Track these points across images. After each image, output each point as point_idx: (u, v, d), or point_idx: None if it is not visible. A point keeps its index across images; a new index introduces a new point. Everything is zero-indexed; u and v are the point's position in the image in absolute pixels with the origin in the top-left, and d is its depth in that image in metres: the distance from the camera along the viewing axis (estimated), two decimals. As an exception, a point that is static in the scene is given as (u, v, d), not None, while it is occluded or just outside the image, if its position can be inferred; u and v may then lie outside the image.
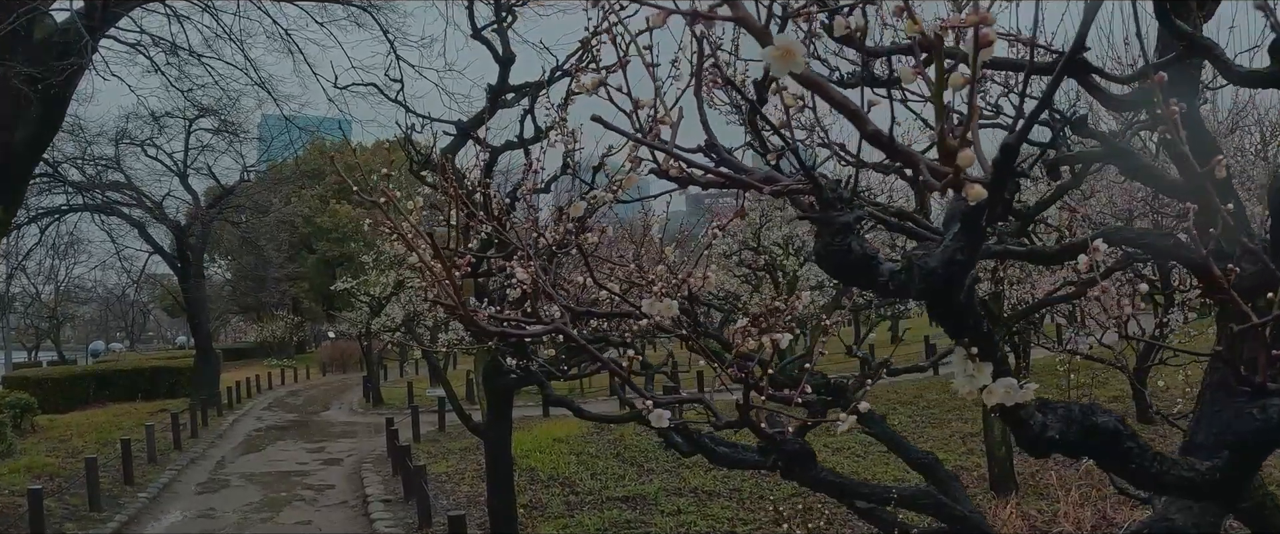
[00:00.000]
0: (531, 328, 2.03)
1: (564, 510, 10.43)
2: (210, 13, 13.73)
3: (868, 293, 18.23)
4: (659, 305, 1.67)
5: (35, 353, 50.59)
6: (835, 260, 1.33)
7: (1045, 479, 10.77)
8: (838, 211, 1.32)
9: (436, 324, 21.46)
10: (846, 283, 1.40)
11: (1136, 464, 2.17)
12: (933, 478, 3.93)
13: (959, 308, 1.29)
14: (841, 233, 1.32)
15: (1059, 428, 1.88)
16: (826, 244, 1.33)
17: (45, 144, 11.88)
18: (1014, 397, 1.60)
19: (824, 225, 1.33)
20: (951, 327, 1.33)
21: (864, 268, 1.33)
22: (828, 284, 21.70)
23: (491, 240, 3.62)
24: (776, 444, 2.20)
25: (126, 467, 13.67)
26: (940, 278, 1.21)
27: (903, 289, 1.30)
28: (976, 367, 1.48)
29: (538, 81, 7.04)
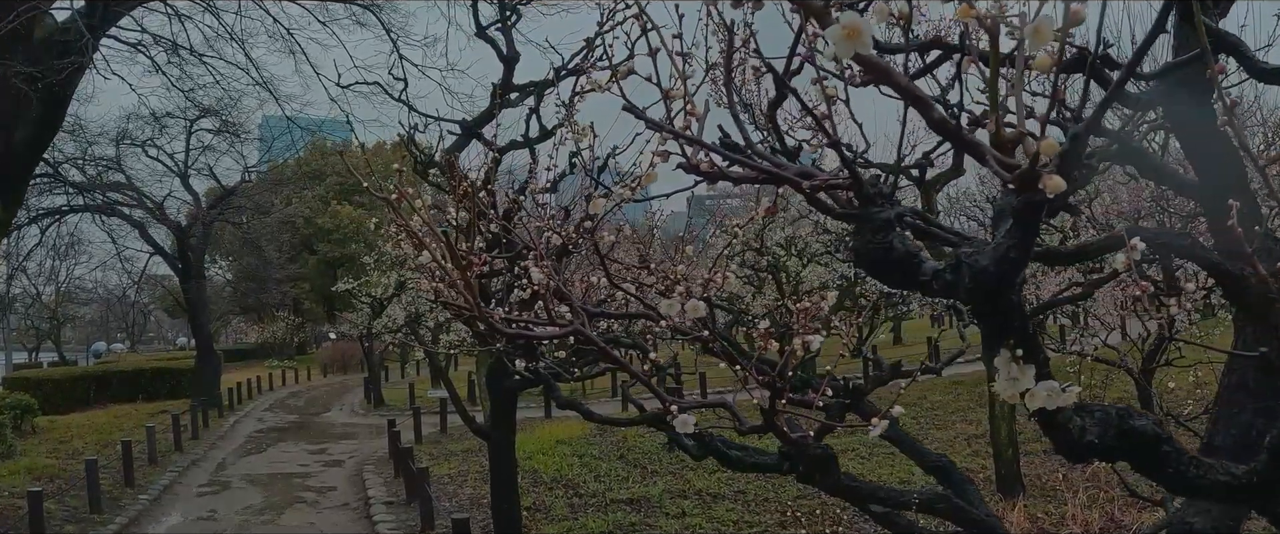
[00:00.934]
0: (549, 330, 1.96)
1: (567, 513, 10.36)
2: (211, 12, 13.68)
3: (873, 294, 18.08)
4: (686, 305, 1.61)
5: (36, 354, 50.56)
6: (875, 258, 1.26)
7: (1052, 481, 10.70)
8: (877, 208, 1.26)
9: (438, 325, 21.41)
10: (886, 282, 1.33)
11: (1174, 468, 2.10)
12: (948, 481, 3.86)
13: (1007, 308, 1.22)
14: (882, 230, 1.26)
15: (1097, 432, 1.81)
16: (866, 241, 1.26)
17: (45, 144, 11.81)
18: (1056, 400, 1.53)
19: (863, 222, 1.27)
20: (996, 328, 1.27)
21: (906, 266, 1.26)
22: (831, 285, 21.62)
23: (499, 239, 3.57)
24: (801, 449, 2.13)
25: (127, 468, 13.60)
26: (992, 277, 1.15)
27: (948, 289, 1.23)
28: (1021, 369, 1.42)
29: (543, 80, 6.98)
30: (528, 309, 3.59)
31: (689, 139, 1.34)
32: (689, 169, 1.35)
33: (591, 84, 3.01)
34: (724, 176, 1.36)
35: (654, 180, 2.01)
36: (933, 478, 9.32)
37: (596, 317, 2.48)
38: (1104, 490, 10.09)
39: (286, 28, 13.52)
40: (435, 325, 21.59)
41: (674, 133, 1.31)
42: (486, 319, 1.72)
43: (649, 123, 1.37)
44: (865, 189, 1.26)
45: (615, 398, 20.42)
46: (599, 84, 3.04)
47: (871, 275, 1.34)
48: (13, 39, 10.58)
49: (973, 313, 1.27)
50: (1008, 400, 1.49)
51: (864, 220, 1.27)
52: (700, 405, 1.84)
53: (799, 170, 1.30)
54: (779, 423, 1.88)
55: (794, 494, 10.36)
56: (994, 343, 1.27)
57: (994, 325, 1.26)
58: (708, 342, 2.18)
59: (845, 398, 2.82)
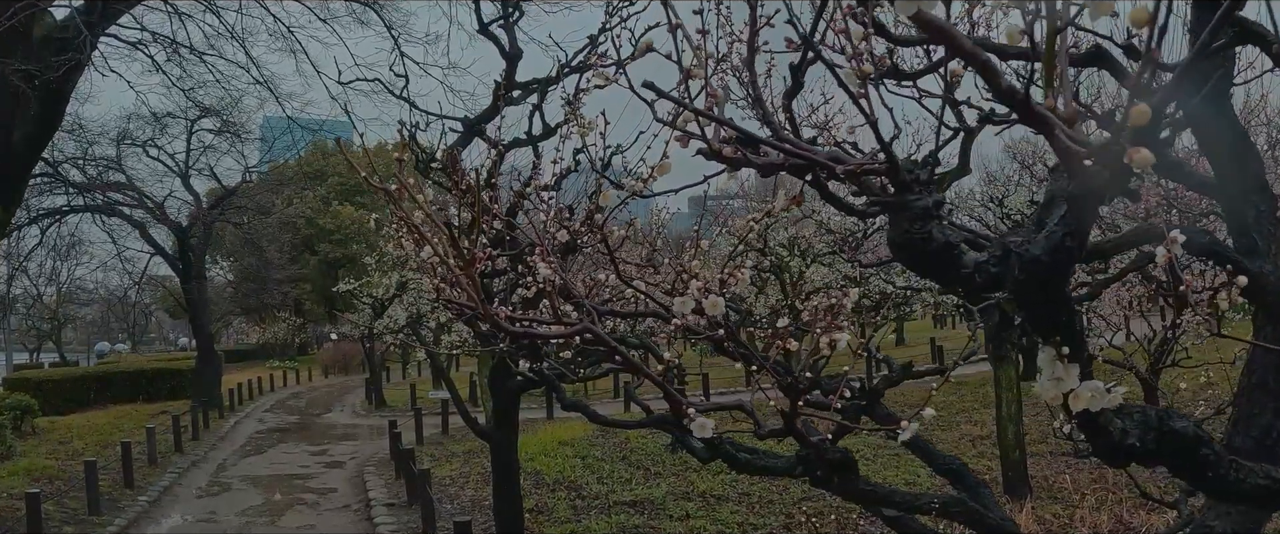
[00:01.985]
0: (556, 329, 1.87)
1: (570, 515, 10.27)
2: (212, 11, 13.60)
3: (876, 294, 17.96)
4: (706, 302, 1.52)
5: (37, 354, 50.52)
6: (913, 250, 1.17)
7: (1059, 483, 10.60)
8: (915, 195, 1.16)
9: (440, 326, 21.33)
10: (924, 275, 1.24)
11: (1213, 472, 2.01)
12: (961, 484, 3.77)
13: (1057, 302, 1.13)
14: (920, 218, 1.16)
15: (1138, 434, 1.72)
16: (904, 231, 1.17)
17: (44, 143, 11.73)
18: (1100, 401, 1.44)
19: (899, 211, 1.17)
20: (1044, 324, 1.17)
21: (946, 258, 1.17)
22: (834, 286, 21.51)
23: (502, 237, 3.48)
24: (821, 452, 2.03)
25: (126, 470, 13.51)
26: (1045, 268, 1.06)
27: (992, 282, 1.14)
28: (1065, 369, 1.32)
29: (547, 77, 6.89)
30: (532, 308, 3.49)
31: (715, 118, 1.24)
32: (711, 155, 1.26)
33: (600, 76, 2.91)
34: (748, 163, 1.27)
35: (668, 172, 1.92)
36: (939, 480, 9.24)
37: (606, 315, 2.38)
38: (1112, 492, 9.99)
39: (287, 26, 13.46)
40: (437, 326, 21.52)
41: (699, 112, 1.22)
42: (491, 318, 1.62)
43: (669, 98, 1.28)
44: (901, 174, 1.17)
45: (617, 399, 20.34)
46: (607, 76, 2.95)
47: (908, 267, 1.25)
48: (12, 37, 10.50)
49: (1018, 308, 1.18)
50: (1050, 402, 1.40)
51: (901, 208, 1.18)
52: (717, 408, 1.75)
53: (830, 155, 1.21)
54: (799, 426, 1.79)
55: (798, 496, 10.26)
56: (1044, 338, 1.17)
57: (1041, 321, 1.16)
58: (721, 341, 2.08)
59: (860, 399, 2.73)
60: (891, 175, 1.17)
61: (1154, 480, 8.87)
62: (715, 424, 2.00)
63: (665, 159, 1.83)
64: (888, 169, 1.16)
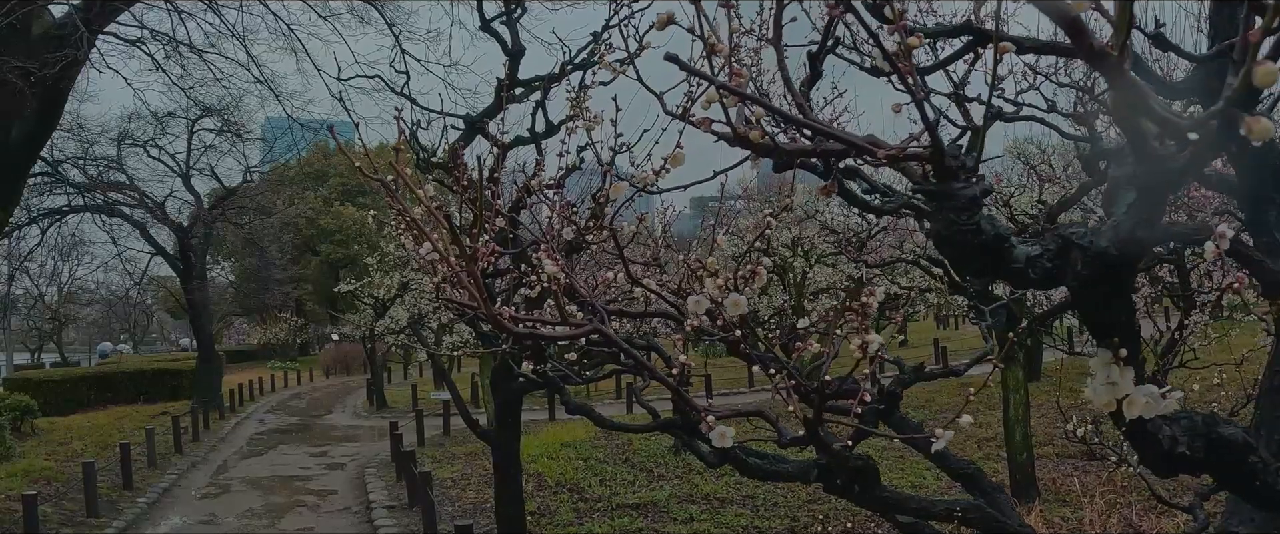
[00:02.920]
0: (562, 330, 1.76)
1: (573, 518, 10.15)
2: (213, 10, 13.50)
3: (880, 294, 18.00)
4: (728, 300, 1.41)
5: (38, 354, 50.45)
6: (960, 242, 1.06)
7: (1067, 486, 10.48)
8: (961, 184, 1.06)
9: (442, 326, 21.25)
10: (969, 271, 1.14)
11: (1262, 481, 1.90)
12: (977, 489, 3.66)
13: (1120, 299, 1.02)
14: (967, 209, 1.06)
15: (1186, 442, 1.62)
16: (949, 223, 1.06)
17: (42, 141, 11.64)
18: (1156, 408, 1.33)
19: (944, 200, 1.07)
20: (1103, 323, 1.06)
21: (995, 252, 1.06)
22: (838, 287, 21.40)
23: (506, 235, 3.37)
24: (842, 459, 1.93)
25: (125, 471, 13.41)
26: (1113, 261, 0.95)
27: (1049, 277, 1.03)
28: (1121, 372, 1.21)
29: (550, 74, 6.78)
30: (536, 308, 3.38)
31: (747, 96, 1.13)
32: (735, 140, 1.15)
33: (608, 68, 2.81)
34: (776, 149, 1.16)
35: (682, 163, 1.81)
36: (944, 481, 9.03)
37: (616, 316, 2.27)
38: (1121, 495, 9.87)
39: (287, 23, 13.35)
40: (438, 327, 21.44)
41: (729, 88, 1.11)
42: (494, 318, 1.52)
43: (694, 73, 1.17)
44: (946, 159, 1.06)
45: (620, 400, 20.23)
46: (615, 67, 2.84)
47: (954, 263, 1.15)
48: (10, 35, 10.41)
49: (1075, 306, 1.07)
50: (1102, 409, 1.29)
51: (946, 197, 1.07)
52: (736, 415, 1.64)
53: (867, 138, 1.11)
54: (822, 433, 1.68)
55: (804, 499, 10.15)
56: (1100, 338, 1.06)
57: (1101, 320, 1.05)
58: (737, 343, 1.97)
59: (878, 404, 2.62)
60: (935, 161, 1.07)
61: (1160, 483, 8.75)
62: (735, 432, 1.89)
63: (679, 149, 1.73)
64: (931, 154, 1.06)
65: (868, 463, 2.05)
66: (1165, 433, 1.55)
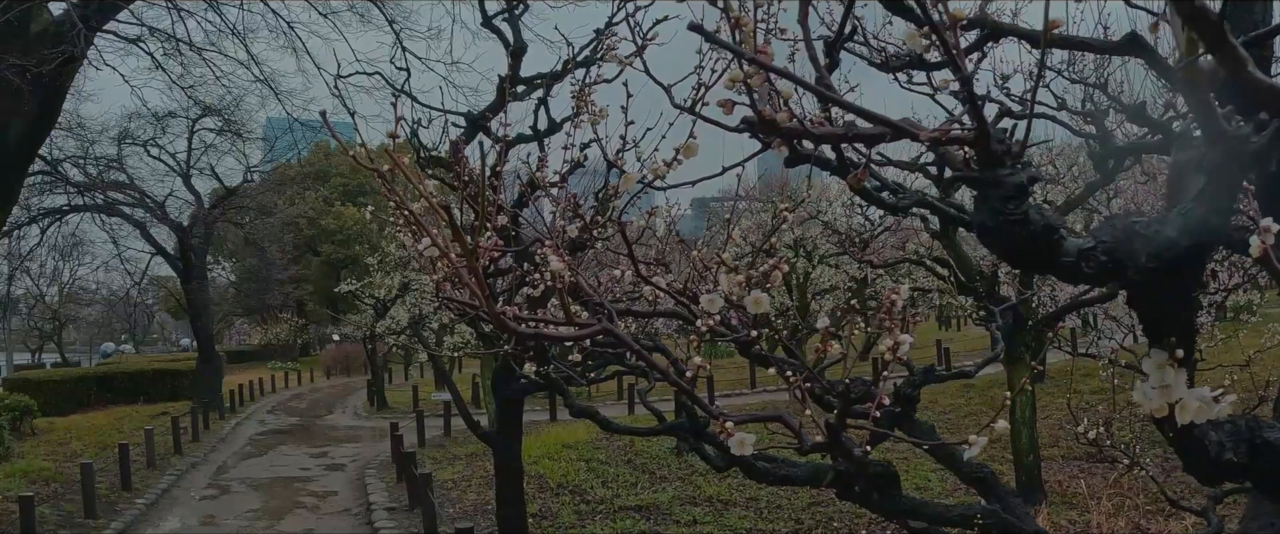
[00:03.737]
0: (566, 330, 1.67)
1: (575, 520, 10.06)
2: (213, 9, 13.42)
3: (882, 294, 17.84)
4: (750, 297, 1.32)
5: (39, 355, 50.40)
6: (1007, 234, 0.97)
7: (1074, 488, 10.39)
8: (1008, 170, 0.97)
9: (443, 327, 21.16)
10: (1018, 264, 1.05)
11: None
12: (991, 494, 3.57)
13: (1183, 295, 0.93)
14: (1015, 197, 0.97)
15: (1232, 448, 1.52)
16: (995, 212, 0.97)
17: (40, 140, 11.56)
18: (1208, 412, 1.24)
19: (990, 188, 0.98)
20: (1162, 321, 0.97)
21: (1045, 243, 0.97)
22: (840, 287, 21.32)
23: (508, 232, 3.29)
24: (862, 466, 1.84)
25: (124, 472, 13.32)
26: (1181, 251, 0.86)
27: (1105, 272, 0.94)
28: (1176, 375, 1.12)
29: (552, 72, 6.69)
30: (539, 308, 3.29)
31: (776, 69, 1.04)
32: (759, 124, 1.06)
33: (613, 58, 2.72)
34: (806, 134, 1.06)
35: (695, 153, 1.72)
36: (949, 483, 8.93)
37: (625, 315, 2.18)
38: (1129, 497, 9.78)
39: (287, 21, 13.26)
40: (439, 327, 21.35)
41: (759, 62, 1.01)
42: (496, 317, 1.43)
43: (719, 45, 1.08)
44: (992, 143, 0.97)
45: (622, 401, 20.13)
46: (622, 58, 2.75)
47: (1000, 255, 1.06)
48: (8, 32, 10.33)
49: (1132, 302, 0.98)
50: (1154, 413, 1.20)
51: (990, 185, 0.98)
52: (754, 419, 1.55)
53: (903, 120, 1.02)
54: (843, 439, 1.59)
55: (807, 502, 10.06)
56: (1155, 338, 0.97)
57: (1161, 318, 0.96)
58: (751, 343, 1.87)
59: (895, 406, 2.53)
60: (980, 144, 0.98)
61: (1168, 485, 8.66)
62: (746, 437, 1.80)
63: (692, 139, 1.64)
64: (976, 136, 0.97)
65: (888, 470, 1.96)
66: (1212, 439, 1.45)
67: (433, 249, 1.40)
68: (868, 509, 2.17)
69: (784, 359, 1.82)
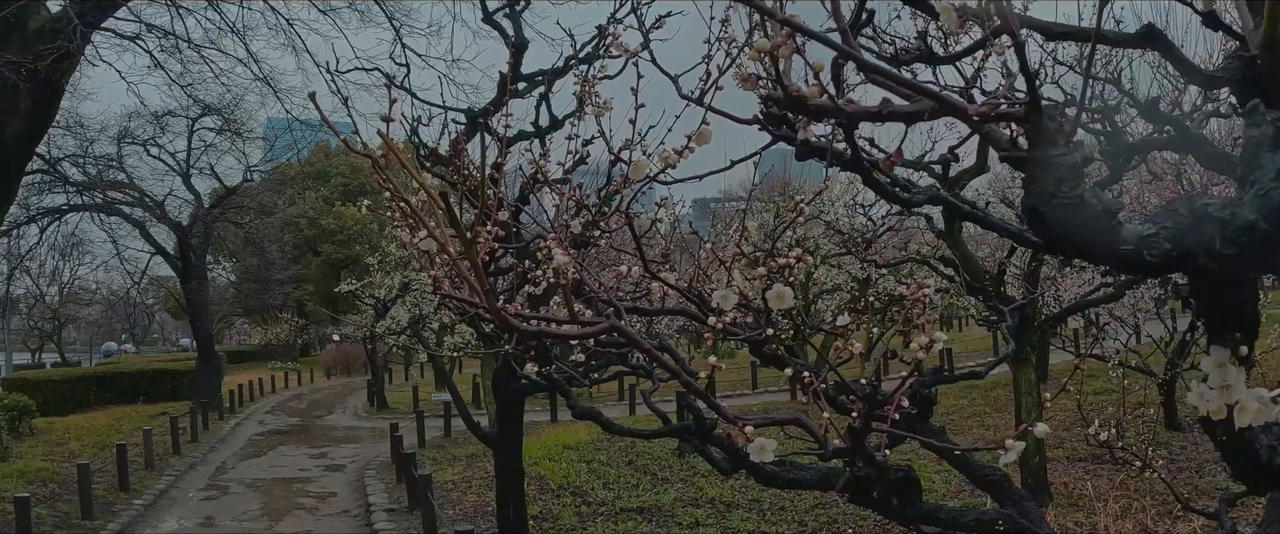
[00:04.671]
0: (570, 328, 1.58)
1: (576, 522, 9.97)
2: (213, 6, 13.34)
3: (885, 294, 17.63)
4: (772, 292, 1.23)
5: (39, 354, 50.31)
6: (1060, 218, 0.88)
7: (1080, 490, 10.30)
8: (1061, 150, 0.88)
9: (443, 327, 21.07)
10: (1069, 252, 0.96)
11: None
12: (1005, 497, 3.48)
13: (1249, 286, 0.84)
14: (1069, 179, 0.87)
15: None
16: (1048, 195, 0.88)
17: (38, 138, 11.47)
18: (1266, 415, 1.15)
19: (1040, 168, 0.89)
20: (1227, 314, 0.88)
21: (1102, 230, 0.88)
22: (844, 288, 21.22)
23: (510, 229, 3.20)
24: (884, 472, 1.75)
25: (122, 473, 13.23)
26: (1260, 236, 0.77)
27: (1169, 261, 0.85)
28: (1237, 374, 1.03)
29: (554, 68, 6.60)
30: (542, 306, 3.20)
31: (814, 34, 0.94)
32: (787, 103, 0.96)
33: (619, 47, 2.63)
34: (838, 113, 0.97)
35: (708, 140, 1.63)
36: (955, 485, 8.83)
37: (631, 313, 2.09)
38: (1135, 499, 9.69)
39: (286, 19, 13.17)
40: (440, 327, 21.26)
41: (795, 25, 0.91)
42: (497, 314, 1.33)
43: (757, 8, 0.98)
44: (1044, 120, 0.88)
45: (623, 401, 20.04)
46: (628, 48, 2.66)
47: (1047, 241, 0.97)
48: (5, 30, 10.25)
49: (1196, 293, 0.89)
50: (1214, 415, 1.11)
51: (1043, 165, 0.89)
52: (772, 422, 1.46)
53: (949, 95, 0.92)
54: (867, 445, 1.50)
55: (810, 504, 9.96)
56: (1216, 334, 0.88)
57: (1225, 311, 0.87)
58: (764, 342, 1.78)
59: (912, 408, 2.43)
60: (1030, 121, 0.89)
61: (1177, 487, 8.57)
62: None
63: (705, 125, 1.55)
64: (1027, 111, 0.88)
65: (909, 475, 1.87)
66: (1262, 442, 1.35)
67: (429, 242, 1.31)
68: (885, 516, 2.09)
69: (800, 362, 1.73)
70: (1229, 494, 5.84)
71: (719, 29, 2.86)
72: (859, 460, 1.60)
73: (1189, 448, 12.01)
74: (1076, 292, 13.24)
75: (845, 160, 2.51)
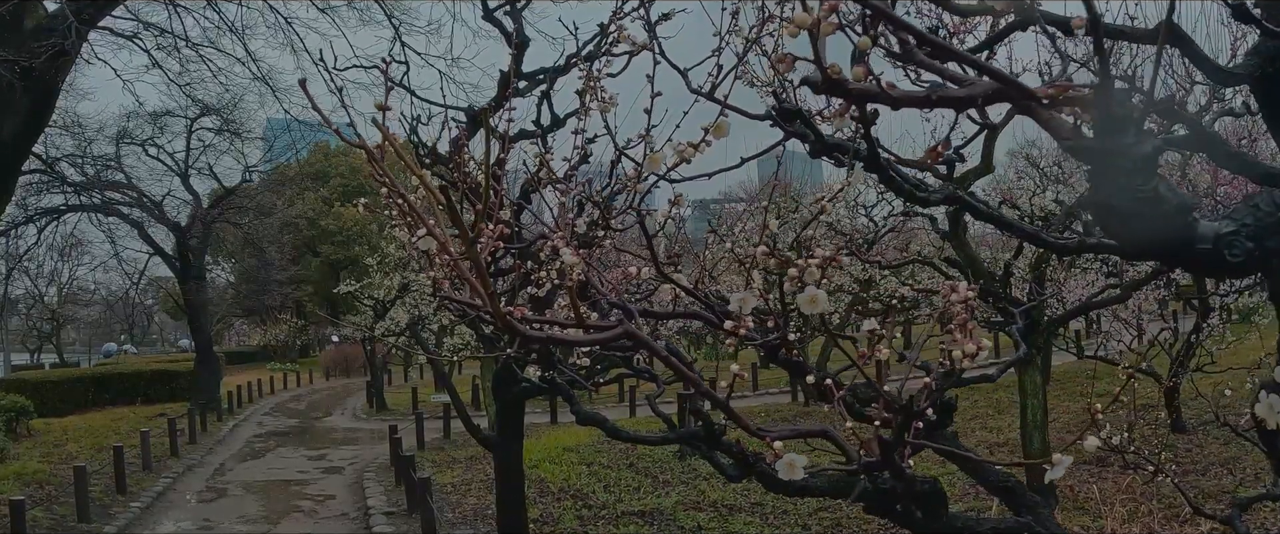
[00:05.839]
0: (581, 334, 1.49)
1: (577, 526, 9.87)
2: (211, 5, 13.25)
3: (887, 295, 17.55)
4: (805, 296, 1.14)
5: (38, 355, 50.19)
6: (1134, 213, 0.79)
7: (1086, 493, 10.20)
8: (1132, 138, 0.79)
9: (442, 328, 20.96)
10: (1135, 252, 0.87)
11: None
12: (1021, 504, 3.38)
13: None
14: (1141, 171, 0.78)
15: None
16: (1120, 189, 0.79)
17: (34, 137, 11.38)
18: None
19: (1111, 159, 0.79)
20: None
21: (1176, 227, 0.79)
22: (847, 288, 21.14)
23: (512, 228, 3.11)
24: (910, 484, 1.66)
25: (119, 474, 13.13)
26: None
27: (1251, 261, 0.76)
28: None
29: (555, 66, 6.51)
30: (545, 308, 3.11)
31: (871, 3, 0.84)
32: (825, 86, 0.86)
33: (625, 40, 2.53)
34: (882, 97, 0.88)
35: (726, 133, 1.54)
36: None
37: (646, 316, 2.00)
38: (1141, 503, 9.60)
39: (285, 17, 13.09)
40: (439, 328, 21.16)
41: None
42: (502, 317, 1.24)
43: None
44: (1116, 105, 0.79)
45: (622, 404, 19.94)
46: (636, 41, 2.57)
47: (1118, 238, 0.87)
48: (2, 27, 10.15)
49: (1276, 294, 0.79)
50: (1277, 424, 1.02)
51: (1112, 155, 0.80)
52: (798, 435, 1.37)
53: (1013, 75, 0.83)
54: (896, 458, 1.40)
55: (814, 507, 9.86)
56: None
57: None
58: (781, 347, 1.69)
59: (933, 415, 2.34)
60: (1101, 107, 0.79)
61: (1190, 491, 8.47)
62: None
63: (723, 118, 1.46)
64: (1098, 96, 0.79)
65: (936, 487, 1.78)
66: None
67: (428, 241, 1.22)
68: (906, 528, 2.00)
69: (818, 369, 1.65)
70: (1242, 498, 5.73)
71: (729, 22, 2.77)
72: (888, 473, 1.51)
73: (1193, 450, 11.93)
74: (1079, 293, 13.15)
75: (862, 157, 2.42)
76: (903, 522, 1.95)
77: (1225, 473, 10.60)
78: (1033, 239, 3.41)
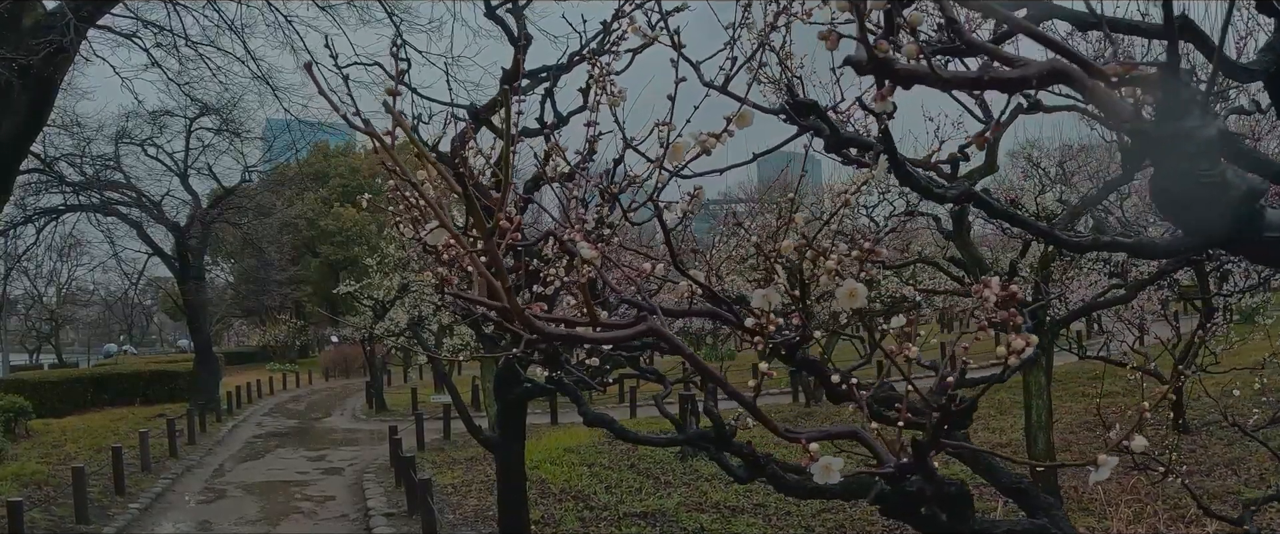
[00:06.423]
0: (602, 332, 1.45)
1: (579, 527, 9.82)
2: (211, 4, 13.19)
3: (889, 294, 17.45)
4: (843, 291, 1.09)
5: (37, 355, 50.11)
6: (1198, 199, 0.74)
7: (1091, 494, 10.16)
8: (1197, 122, 0.74)
9: (442, 328, 20.92)
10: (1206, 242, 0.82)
11: None
12: (1034, 506, 3.34)
13: None
14: (1206, 155, 0.74)
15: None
16: (1185, 175, 0.74)
17: (32, 136, 11.31)
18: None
19: (1174, 143, 0.75)
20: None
21: (1242, 214, 0.74)
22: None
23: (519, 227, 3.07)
24: (939, 487, 1.61)
25: (118, 475, 13.07)
26: None
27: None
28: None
29: (557, 64, 6.46)
30: (553, 307, 3.06)
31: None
32: (872, 67, 0.82)
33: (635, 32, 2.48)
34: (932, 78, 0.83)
35: (749, 123, 1.49)
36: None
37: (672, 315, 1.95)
38: (1147, 504, 9.56)
39: (285, 15, 13.03)
40: (439, 328, 21.11)
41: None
42: (521, 314, 1.19)
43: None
44: (1182, 87, 0.74)
45: (623, 404, 19.89)
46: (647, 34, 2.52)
47: (1188, 226, 0.83)
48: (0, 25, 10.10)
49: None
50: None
51: (1179, 140, 0.75)
52: (826, 436, 1.33)
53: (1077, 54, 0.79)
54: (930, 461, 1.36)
55: (816, 508, 9.82)
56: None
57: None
58: (799, 345, 1.64)
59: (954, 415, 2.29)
60: (1167, 88, 0.75)
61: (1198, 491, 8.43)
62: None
63: (745, 108, 1.42)
64: (1164, 76, 0.74)
65: (962, 490, 1.73)
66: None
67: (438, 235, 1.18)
68: (927, 532, 1.95)
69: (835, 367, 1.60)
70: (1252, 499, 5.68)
71: (740, 15, 2.72)
72: (920, 475, 1.47)
73: (1197, 451, 11.89)
74: (1082, 293, 13.11)
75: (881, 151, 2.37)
76: (923, 525, 1.90)
77: (1230, 473, 10.56)
78: (1047, 236, 3.36)
